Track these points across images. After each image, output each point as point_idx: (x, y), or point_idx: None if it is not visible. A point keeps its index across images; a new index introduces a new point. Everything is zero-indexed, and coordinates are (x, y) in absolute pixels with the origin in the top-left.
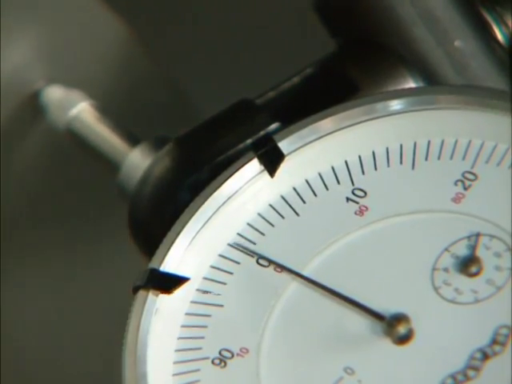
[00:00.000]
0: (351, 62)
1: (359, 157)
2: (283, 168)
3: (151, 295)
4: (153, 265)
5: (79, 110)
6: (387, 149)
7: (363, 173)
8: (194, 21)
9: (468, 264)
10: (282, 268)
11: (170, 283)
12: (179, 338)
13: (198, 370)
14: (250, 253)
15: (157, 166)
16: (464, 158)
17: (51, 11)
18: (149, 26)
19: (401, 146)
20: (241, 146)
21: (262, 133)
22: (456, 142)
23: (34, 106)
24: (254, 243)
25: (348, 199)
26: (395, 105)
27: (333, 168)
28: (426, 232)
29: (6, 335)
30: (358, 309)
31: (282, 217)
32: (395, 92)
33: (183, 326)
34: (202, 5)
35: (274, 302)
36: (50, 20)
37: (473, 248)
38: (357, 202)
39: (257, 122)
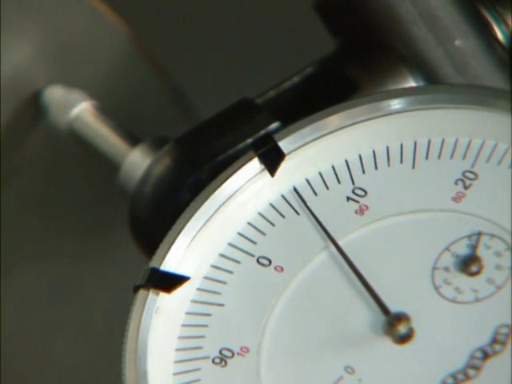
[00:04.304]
0: (351, 62)
1: (359, 156)
2: (283, 167)
3: (152, 294)
4: (153, 264)
5: (80, 110)
6: (388, 148)
7: (364, 172)
8: (194, 21)
9: (468, 263)
10: (324, 230)
11: (170, 282)
12: (180, 338)
13: (198, 369)
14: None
15: (157, 166)
16: (464, 158)
17: (52, 12)
18: (149, 26)
19: (401, 145)
20: (241, 145)
21: (263, 132)
22: (456, 141)
23: (34, 106)
24: (255, 243)
25: (348, 198)
26: (396, 104)
27: (333, 167)
28: (427, 231)
29: (6, 335)
30: (370, 295)
31: (283, 216)
32: (395, 91)
33: (184, 325)
34: (202, 5)
35: (274, 301)
36: (51, 20)
37: (473, 247)
38: (357, 201)
39: (257, 122)
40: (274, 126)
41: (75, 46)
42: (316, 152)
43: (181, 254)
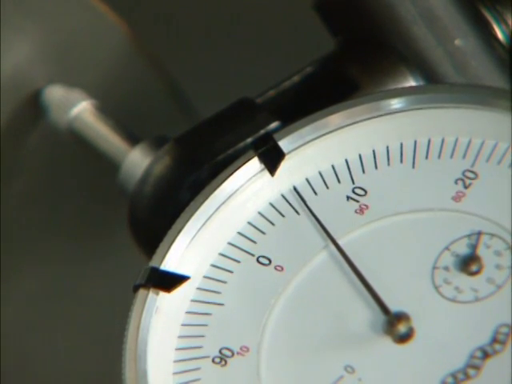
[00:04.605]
0: (351, 61)
1: (359, 155)
2: (283, 167)
3: (151, 294)
4: (153, 263)
5: (80, 110)
6: (387, 147)
7: (363, 171)
8: (194, 21)
9: (468, 262)
10: (324, 230)
11: (170, 282)
12: (179, 337)
13: (198, 369)
14: None
15: (157, 165)
16: (464, 157)
17: (52, 12)
18: (149, 26)
19: (401, 145)
20: (241, 144)
21: (262, 131)
22: (456, 140)
23: (34, 106)
24: (255, 242)
25: (348, 198)
26: (395, 103)
27: (333, 166)
28: (427, 231)
29: (6, 335)
30: (370, 295)
31: (283, 215)
32: (395, 90)
33: (183, 325)
34: (202, 5)
35: (274, 300)
36: (51, 20)
37: (473, 246)
38: (357, 201)
39: (257, 121)
40: (273, 125)
41: (75, 46)
42: (316, 151)
43: (181, 254)
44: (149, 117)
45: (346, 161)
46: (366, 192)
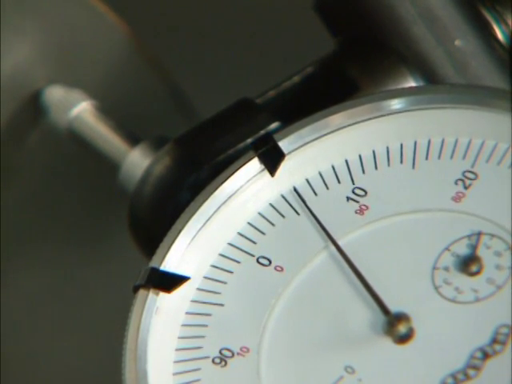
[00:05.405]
0: (351, 61)
1: (359, 156)
2: (283, 167)
3: (152, 294)
4: (153, 264)
5: (80, 110)
6: (387, 148)
7: (363, 172)
8: (194, 21)
9: (468, 263)
10: (324, 230)
11: (170, 282)
12: (180, 337)
13: (198, 369)
14: None
15: (157, 166)
16: (464, 158)
17: (52, 12)
18: (149, 26)
19: (401, 146)
20: (241, 145)
21: (262, 132)
22: (456, 141)
23: (34, 106)
24: (255, 242)
25: (348, 198)
26: (395, 104)
27: (333, 167)
28: (427, 231)
29: (6, 335)
30: (370, 295)
31: (283, 216)
32: (395, 91)
33: (184, 325)
34: (202, 5)
35: (274, 300)
36: (50, 21)
37: (473, 247)
38: (357, 201)
39: (257, 122)
40: (273, 125)
41: (75, 45)
42: (316, 152)
43: (181, 254)
44: (149, 117)
45: (346, 161)
46: (365, 192)
